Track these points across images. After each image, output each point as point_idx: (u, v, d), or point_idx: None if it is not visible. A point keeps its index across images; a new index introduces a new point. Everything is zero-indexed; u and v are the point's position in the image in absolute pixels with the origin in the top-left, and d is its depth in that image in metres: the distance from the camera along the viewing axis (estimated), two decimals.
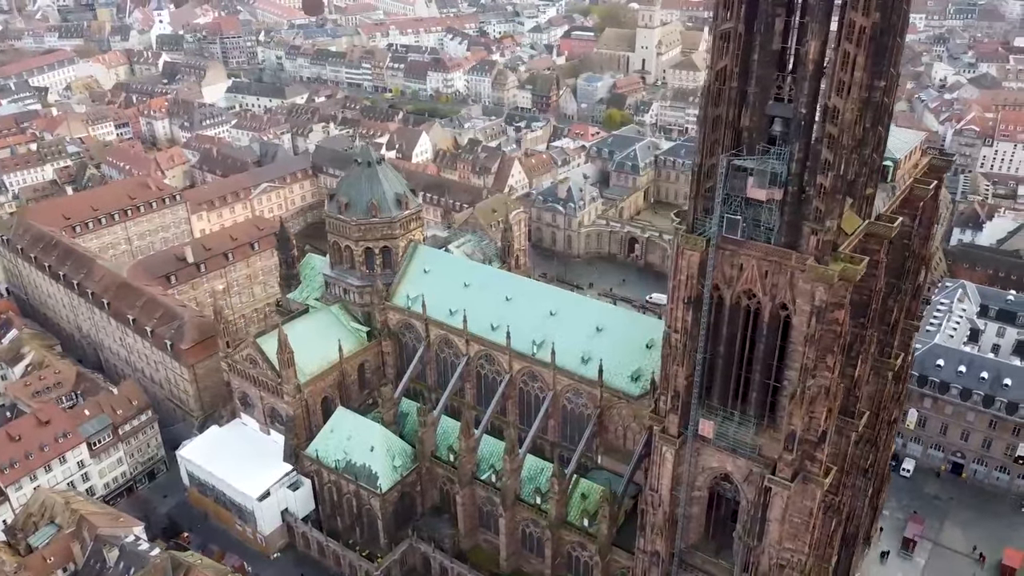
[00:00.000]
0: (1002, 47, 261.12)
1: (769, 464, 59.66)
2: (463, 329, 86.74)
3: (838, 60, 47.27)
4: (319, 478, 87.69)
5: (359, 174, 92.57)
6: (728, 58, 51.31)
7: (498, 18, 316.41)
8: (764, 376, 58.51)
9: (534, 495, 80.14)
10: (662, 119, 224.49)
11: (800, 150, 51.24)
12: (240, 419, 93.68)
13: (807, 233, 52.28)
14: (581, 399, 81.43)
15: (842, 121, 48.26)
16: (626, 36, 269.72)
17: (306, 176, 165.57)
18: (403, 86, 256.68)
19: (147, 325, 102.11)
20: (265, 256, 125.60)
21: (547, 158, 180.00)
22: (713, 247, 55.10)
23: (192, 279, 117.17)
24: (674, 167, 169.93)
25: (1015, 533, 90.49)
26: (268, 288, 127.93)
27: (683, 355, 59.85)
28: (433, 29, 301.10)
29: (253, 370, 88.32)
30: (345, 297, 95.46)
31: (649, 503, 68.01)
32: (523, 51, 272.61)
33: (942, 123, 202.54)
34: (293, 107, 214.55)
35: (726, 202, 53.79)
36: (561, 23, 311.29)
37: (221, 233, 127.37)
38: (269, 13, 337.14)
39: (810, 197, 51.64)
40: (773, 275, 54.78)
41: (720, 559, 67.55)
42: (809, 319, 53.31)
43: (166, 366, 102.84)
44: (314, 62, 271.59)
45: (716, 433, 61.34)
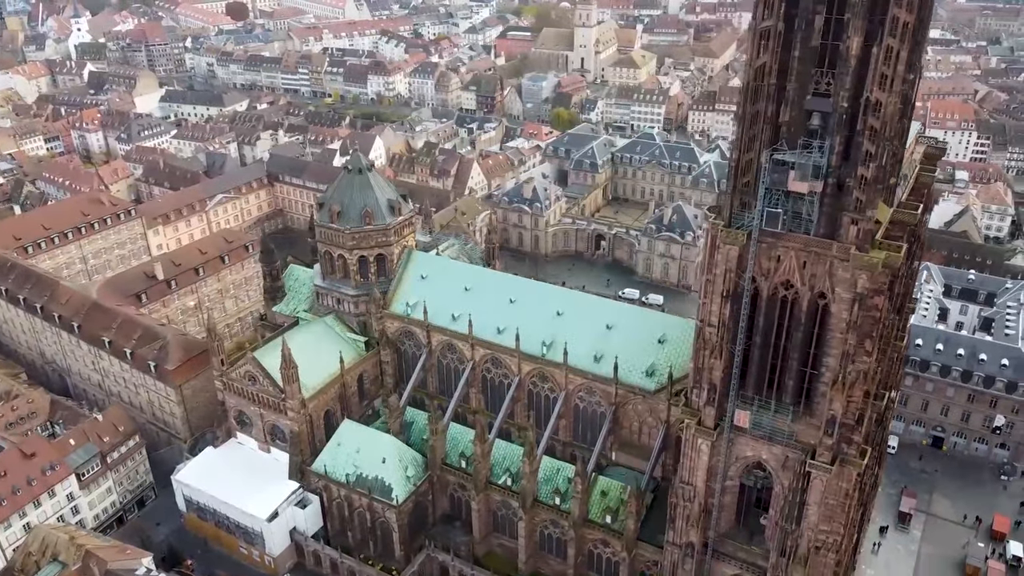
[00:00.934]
0: None
1: (806, 449, 61.36)
2: (468, 334, 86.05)
3: (881, 55, 48.87)
4: (328, 494, 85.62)
5: (350, 181, 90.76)
6: (768, 55, 52.49)
7: (432, 20, 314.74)
8: (800, 364, 60.08)
9: (553, 496, 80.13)
10: (607, 116, 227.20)
11: (840, 143, 52.82)
12: (236, 439, 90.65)
13: (847, 223, 53.94)
14: (594, 397, 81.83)
15: (884, 114, 49.96)
16: (564, 35, 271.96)
17: (262, 186, 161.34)
18: (343, 90, 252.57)
19: (126, 347, 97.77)
20: (235, 269, 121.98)
21: (504, 159, 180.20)
22: (755, 240, 56.12)
23: (163, 296, 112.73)
24: (631, 164, 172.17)
25: (998, 499, 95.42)
26: (240, 302, 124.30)
27: (720, 348, 60.88)
28: (367, 32, 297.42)
29: (252, 387, 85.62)
30: (338, 307, 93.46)
31: (681, 496, 69.03)
32: (462, 52, 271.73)
33: None
34: (235, 115, 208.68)
35: (766, 196, 54.98)
36: (495, 24, 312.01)
37: (189, 247, 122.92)
38: (193, 19, 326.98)
39: (850, 188, 53.27)
40: (812, 265, 56.35)
41: (752, 545, 69.09)
42: (851, 306, 55.05)
43: (148, 388, 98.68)
44: (248, 68, 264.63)
45: (752, 423, 62.69)
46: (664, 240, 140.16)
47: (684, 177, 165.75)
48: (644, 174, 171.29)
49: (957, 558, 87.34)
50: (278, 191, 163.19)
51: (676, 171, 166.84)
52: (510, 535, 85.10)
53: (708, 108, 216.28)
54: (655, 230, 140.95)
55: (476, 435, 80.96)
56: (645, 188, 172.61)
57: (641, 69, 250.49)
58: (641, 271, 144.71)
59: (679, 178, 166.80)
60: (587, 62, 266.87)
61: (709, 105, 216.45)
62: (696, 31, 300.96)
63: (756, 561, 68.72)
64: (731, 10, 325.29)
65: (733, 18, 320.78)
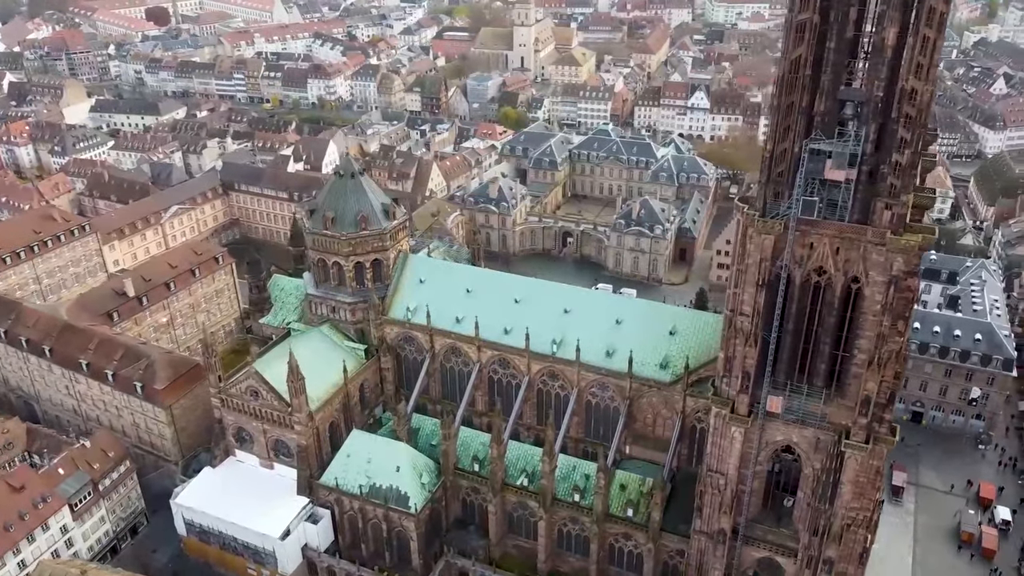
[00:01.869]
0: None
1: (837, 430, 63.04)
2: (474, 336, 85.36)
3: (917, 44, 50.57)
4: (339, 507, 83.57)
5: (342, 187, 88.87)
6: (804, 47, 53.69)
7: (365, 21, 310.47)
8: (832, 347, 61.69)
9: (572, 493, 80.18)
10: (554, 114, 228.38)
11: (875, 131, 54.43)
12: (235, 457, 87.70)
13: (880, 208, 55.63)
14: (607, 392, 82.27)
15: (920, 101, 51.75)
16: (503, 35, 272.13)
17: (216, 195, 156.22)
18: (282, 95, 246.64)
19: (106, 368, 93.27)
20: (206, 283, 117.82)
21: (460, 159, 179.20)
22: (792, 229, 57.31)
23: (135, 314, 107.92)
24: (588, 160, 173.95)
25: (977, 467, 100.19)
26: (212, 316, 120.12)
27: (754, 336, 61.99)
28: (300, 35, 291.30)
29: (254, 403, 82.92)
30: (333, 316, 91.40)
31: (710, 484, 70.06)
32: (401, 54, 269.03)
33: None
34: (175, 124, 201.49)
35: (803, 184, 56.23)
36: (430, 24, 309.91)
37: (158, 261, 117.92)
38: (113, 25, 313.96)
39: (883, 175, 54.95)
40: (845, 251, 57.88)
41: (780, 528, 70.63)
42: (887, 288, 56.82)
43: (133, 411, 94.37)
44: (179, 75, 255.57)
45: (784, 408, 64.03)
46: (633, 235, 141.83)
47: (642, 172, 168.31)
48: (602, 170, 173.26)
49: (951, 526, 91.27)
50: (233, 200, 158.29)
51: (634, 166, 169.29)
52: (526, 535, 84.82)
53: (653, 103, 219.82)
54: (624, 225, 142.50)
55: (492, 437, 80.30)
56: (604, 184, 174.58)
57: (582, 67, 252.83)
58: (611, 266, 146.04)
59: (637, 173, 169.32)
60: (527, 61, 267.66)
61: (654, 100, 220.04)
62: (629, 28, 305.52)
63: (785, 543, 70.27)
64: (660, 6, 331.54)
65: (663, 15, 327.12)
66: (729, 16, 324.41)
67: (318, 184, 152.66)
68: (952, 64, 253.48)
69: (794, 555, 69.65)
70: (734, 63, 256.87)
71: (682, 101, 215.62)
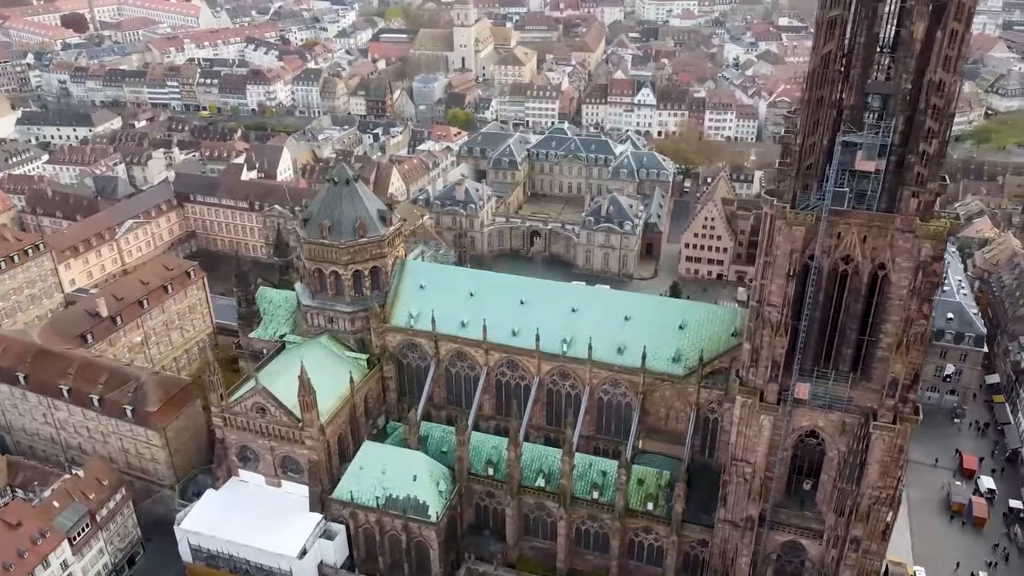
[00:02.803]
0: (772, 27, 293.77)
1: (863, 412, 65.11)
2: (482, 340, 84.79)
3: (945, 38, 52.65)
4: (354, 521, 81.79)
5: (337, 194, 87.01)
6: (834, 43, 55.26)
7: (298, 25, 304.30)
8: (859, 333, 63.68)
9: (591, 491, 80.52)
10: (502, 114, 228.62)
11: (902, 122, 56.40)
12: (238, 477, 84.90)
13: (907, 197, 57.72)
14: (619, 389, 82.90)
15: (948, 92, 53.92)
16: (443, 36, 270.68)
17: (171, 207, 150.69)
18: (220, 102, 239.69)
19: (91, 393, 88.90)
20: (179, 298, 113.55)
21: (418, 162, 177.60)
22: (824, 219, 58.86)
23: (109, 334, 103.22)
24: (547, 159, 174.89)
25: (955, 440, 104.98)
26: (186, 333, 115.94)
27: (784, 325, 63.44)
28: (232, 40, 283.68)
29: (261, 419, 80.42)
30: (331, 326, 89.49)
31: (736, 473, 71.42)
32: (340, 57, 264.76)
33: (751, 97, 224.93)
34: (114, 135, 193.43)
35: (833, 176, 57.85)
36: (365, 27, 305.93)
37: (129, 279, 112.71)
38: (27, 33, 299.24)
39: (910, 164, 57.01)
40: (872, 239, 59.81)
41: (804, 511, 72.51)
42: (913, 273, 58.99)
43: (122, 436, 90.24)
44: (108, 84, 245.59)
45: (811, 394, 65.77)
46: (603, 231, 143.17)
47: (601, 169, 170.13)
48: (561, 169, 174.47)
49: (941, 498, 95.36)
50: (189, 212, 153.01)
51: (593, 163, 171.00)
52: (543, 536, 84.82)
53: (601, 101, 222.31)
54: (594, 222, 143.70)
55: (509, 440, 80.00)
56: (563, 182, 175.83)
57: (525, 66, 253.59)
58: (581, 264, 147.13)
59: (596, 170, 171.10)
60: (468, 61, 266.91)
61: (601, 98, 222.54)
62: (565, 27, 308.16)
63: (809, 525, 72.23)
64: (593, 5, 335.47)
65: (596, 13, 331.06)
66: (660, 14, 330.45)
67: (279, 192, 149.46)
68: None
69: (819, 536, 71.65)
70: (672, 60, 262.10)
71: (629, 98, 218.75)
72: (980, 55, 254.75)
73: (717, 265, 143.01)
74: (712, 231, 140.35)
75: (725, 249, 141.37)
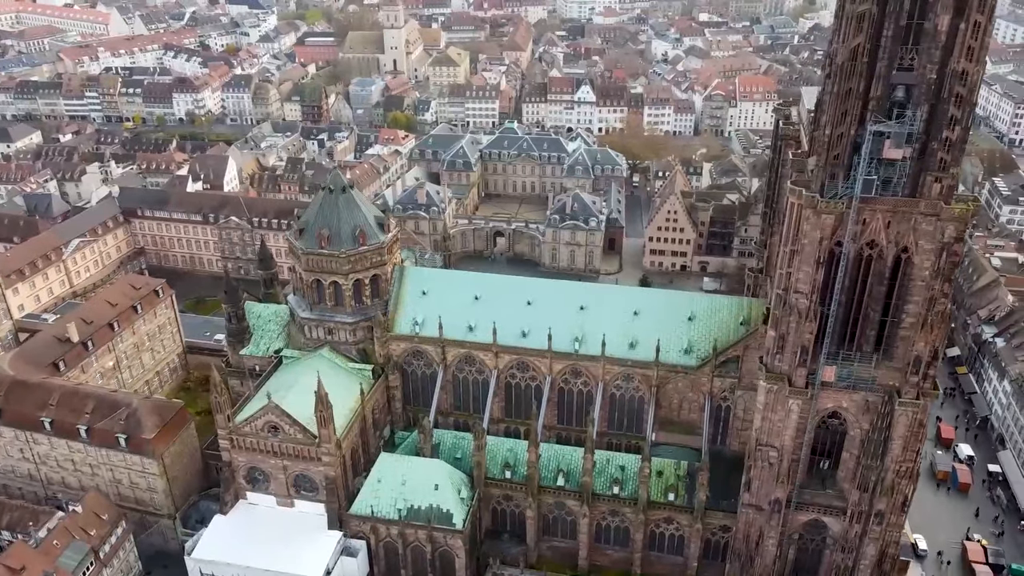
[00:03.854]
0: (694, 23, 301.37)
1: (886, 391, 67.74)
2: (491, 343, 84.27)
3: (969, 29, 55.26)
4: (375, 535, 79.97)
5: (333, 202, 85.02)
6: (862, 36, 57.22)
7: (217, 31, 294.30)
8: (882, 314, 66.17)
9: (611, 486, 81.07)
10: (442, 116, 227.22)
11: (926, 111, 58.88)
12: (247, 500, 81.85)
13: (930, 182, 60.36)
14: (632, 383, 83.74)
15: (970, 81, 56.62)
16: (372, 38, 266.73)
17: (118, 224, 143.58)
18: (144, 113, 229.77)
19: (77, 423, 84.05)
20: (148, 319, 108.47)
21: (369, 167, 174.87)
22: (855, 207, 60.88)
23: (82, 360, 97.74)
24: (500, 159, 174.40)
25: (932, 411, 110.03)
26: (156, 354, 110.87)
27: (812, 311, 65.35)
28: (149, 48, 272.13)
29: (274, 439, 77.72)
30: (330, 338, 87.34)
31: (760, 458, 73.19)
32: (268, 63, 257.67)
33: (685, 92, 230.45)
34: (39, 150, 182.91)
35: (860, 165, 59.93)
36: (287, 31, 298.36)
37: (97, 301, 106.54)
38: None
39: (933, 150, 59.59)
40: (897, 224, 62.24)
41: (826, 489, 74.90)
42: (936, 255, 61.75)
43: (114, 466, 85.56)
44: (20, 96, 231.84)
45: (837, 376, 67.99)
46: (569, 229, 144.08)
47: (555, 167, 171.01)
48: (515, 168, 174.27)
49: (924, 468, 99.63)
50: (137, 228, 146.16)
51: (546, 162, 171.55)
52: (562, 535, 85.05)
53: (541, 100, 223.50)
54: (559, 220, 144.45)
55: (529, 441, 79.80)
56: (516, 182, 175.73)
57: (459, 67, 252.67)
58: (547, 262, 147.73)
59: (550, 168, 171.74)
60: (400, 63, 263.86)
61: (541, 96, 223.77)
62: (491, 26, 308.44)
63: (832, 503, 74.63)
64: (516, 4, 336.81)
65: (520, 12, 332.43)
66: (583, 12, 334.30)
67: (234, 203, 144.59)
68: (796, 48, 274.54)
69: (842, 513, 74.14)
70: (603, 57, 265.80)
71: (568, 96, 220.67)
72: None
73: (680, 257, 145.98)
74: (675, 224, 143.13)
75: (688, 241, 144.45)
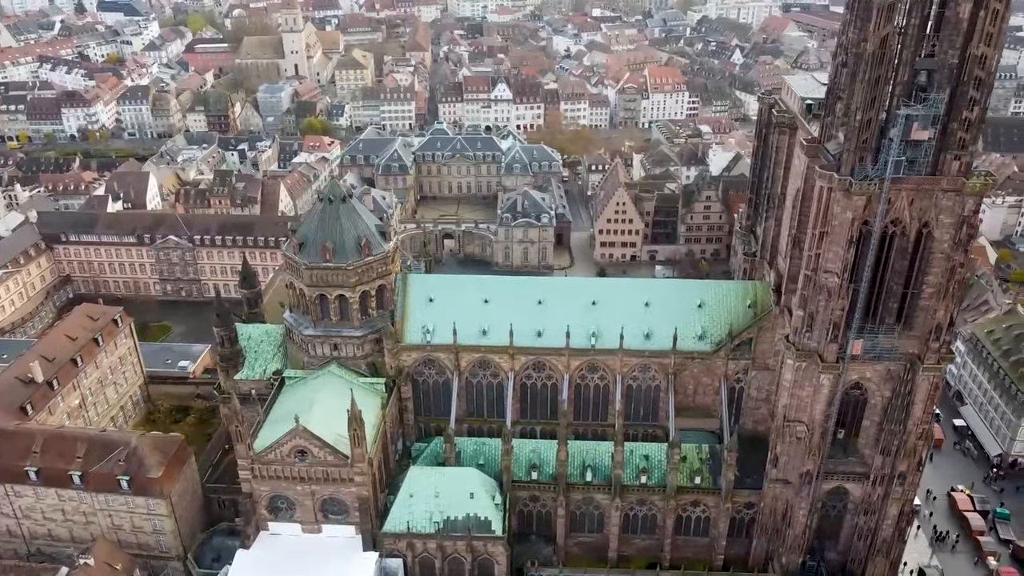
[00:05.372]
0: (589, 18, 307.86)
1: (907, 359, 71.91)
2: (507, 345, 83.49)
3: (988, 16, 59.38)
4: (412, 552, 77.85)
5: (334, 213, 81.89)
6: (891, 25, 60.48)
7: (96, 40, 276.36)
8: (904, 287, 70.15)
9: (639, 476, 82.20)
10: (356, 120, 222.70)
11: (948, 94, 62.81)
12: (267, 531, 77.90)
13: (949, 160, 64.40)
14: (648, 373, 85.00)
15: (988, 65, 60.87)
16: (270, 42, 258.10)
17: (40, 252, 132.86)
18: (30, 130, 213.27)
19: (70, 469, 77.42)
20: (110, 350, 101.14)
21: (299, 176, 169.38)
22: (886, 187, 64.24)
23: (49, 401, 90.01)
24: (433, 160, 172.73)
25: None
26: (120, 388, 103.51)
27: (843, 289, 68.52)
28: (22, 60, 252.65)
29: (301, 463, 74.25)
30: (336, 354, 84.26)
31: (788, 433, 76.20)
32: (161, 72, 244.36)
33: (595, 86, 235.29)
34: None
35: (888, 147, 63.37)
36: (172, 38, 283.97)
37: (56, 336, 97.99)
38: None
39: (953, 131, 63.69)
40: (919, 201, 66.13)
41: (848, 457, 78.77)
42: (958, 227, 66.02)
43: (114, 511, 79.24)
44: None
45: (863, 349, 71.61)
46: (522, 227, 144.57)
47: (490, 166, 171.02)
48: (450, 169, 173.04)
49: None
50: (62, 255, 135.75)
51: (481, 161, 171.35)
52: (588, 531, 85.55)
53: (457, 99, 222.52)
54: (511, 218, 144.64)
55: (559, 439, 79.91)
56: (452, 183, 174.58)
57: (366, 69, 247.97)
58: (500, 260, 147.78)
59: (485, 167, 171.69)
60: (301, 68, 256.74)
61: (457, 96, 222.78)
62: (388, 27, 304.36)
63: (854, 470, 78.56)
64: (409, 4, 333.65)
65: (413, 12, 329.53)
66: (476, 10, 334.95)
67: (169, 221, 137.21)
68: (691, 40, 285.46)
69: (864, 479, 78.16)
70: (507, 54, 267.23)
71: (485, 94, 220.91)
72: (776, 35, 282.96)
73: (630, 248, 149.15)
74: (624, 215, 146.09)
75: (637, 231, 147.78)
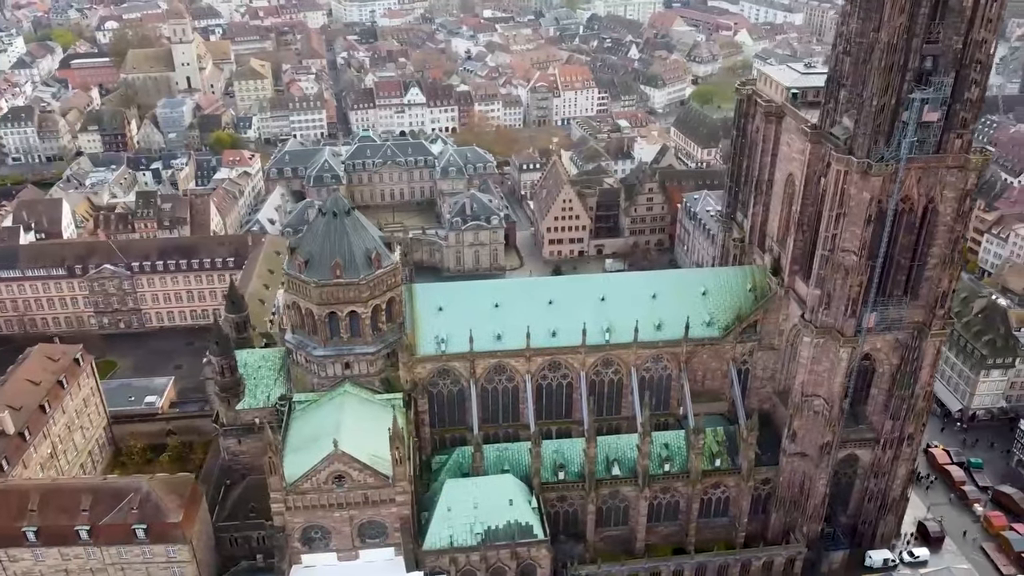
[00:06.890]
0: (482, 20, 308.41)
1: (914, 328, 76.67)
2: (524, 348, 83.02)
3: (988, 3, 64.17)
4: (455, 566, 76.06)
5: (339, 228, 78.86)
6: (904, 16, 64.33)
7: None
8: (911, 260, 74.72)
9: (662, 464, 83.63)
10: (265, 131, 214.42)
11: (953, 77, 67.34)
12: (300, 564, 74.25)
13: (952, 139, 69.31)
14: (660, 363, 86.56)
15: (986, 48, 65.83)
16: (157, 55, 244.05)
17: None
18: None
19: (76, 525, 71.00)
20: (74, 392, 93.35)
21: (225, 192, 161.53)
22: (902, 167, 68.20)
23: (22, 453, 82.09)
24: (364, 169, 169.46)
25: None
26: (86, 432, 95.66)
27: (861, 266, 72.26)
28: None
29: (340, 490, 71.11)
30: (348, 372, 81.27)
31: (807, 408, 79.68)
32: (41, 91, 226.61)
33: (503, 86, 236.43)
34: None
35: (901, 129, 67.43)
36: (42, 53, 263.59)
37: (17, 381, 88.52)
38: None
39: (956, 111, 68.42)
40: (926, 178, 70.66)
41: (859, 424, 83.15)
42: (960, 200, 71.04)
43: (126, 564, 73.07)
44: None
45: (877, 321, 75.79)
46: (472, 230, 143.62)
47: (423, 171, 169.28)
48: (381, 176, 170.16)
49: None
50: None
51: (414, 166, 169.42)
52: (614, 524, 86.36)
53: (369, 105, 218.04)
54: (461, 222, 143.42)
55: (587, 437, 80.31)
56: (384, 190, 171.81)
57: (267, 79, 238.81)
58: (452, 266, 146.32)
59: (418, 173, 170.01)
60: (194, 80, 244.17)
61: (369, 102, 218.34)
62: (277, 35, 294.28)
63: (864, 436, 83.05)
64: (294, 12, 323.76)
65: (298, 17, 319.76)
66: (364, 15, 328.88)
67: (102, 250, 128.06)
68: (585, 38, 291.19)
69: (874, 443, 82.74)
70: (408, 58, 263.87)
71: (398, 99, 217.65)
72: (666, 30, 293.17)
73: (578, 243, 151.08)
74: (571, 212, 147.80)
75: (584, 227, 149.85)
